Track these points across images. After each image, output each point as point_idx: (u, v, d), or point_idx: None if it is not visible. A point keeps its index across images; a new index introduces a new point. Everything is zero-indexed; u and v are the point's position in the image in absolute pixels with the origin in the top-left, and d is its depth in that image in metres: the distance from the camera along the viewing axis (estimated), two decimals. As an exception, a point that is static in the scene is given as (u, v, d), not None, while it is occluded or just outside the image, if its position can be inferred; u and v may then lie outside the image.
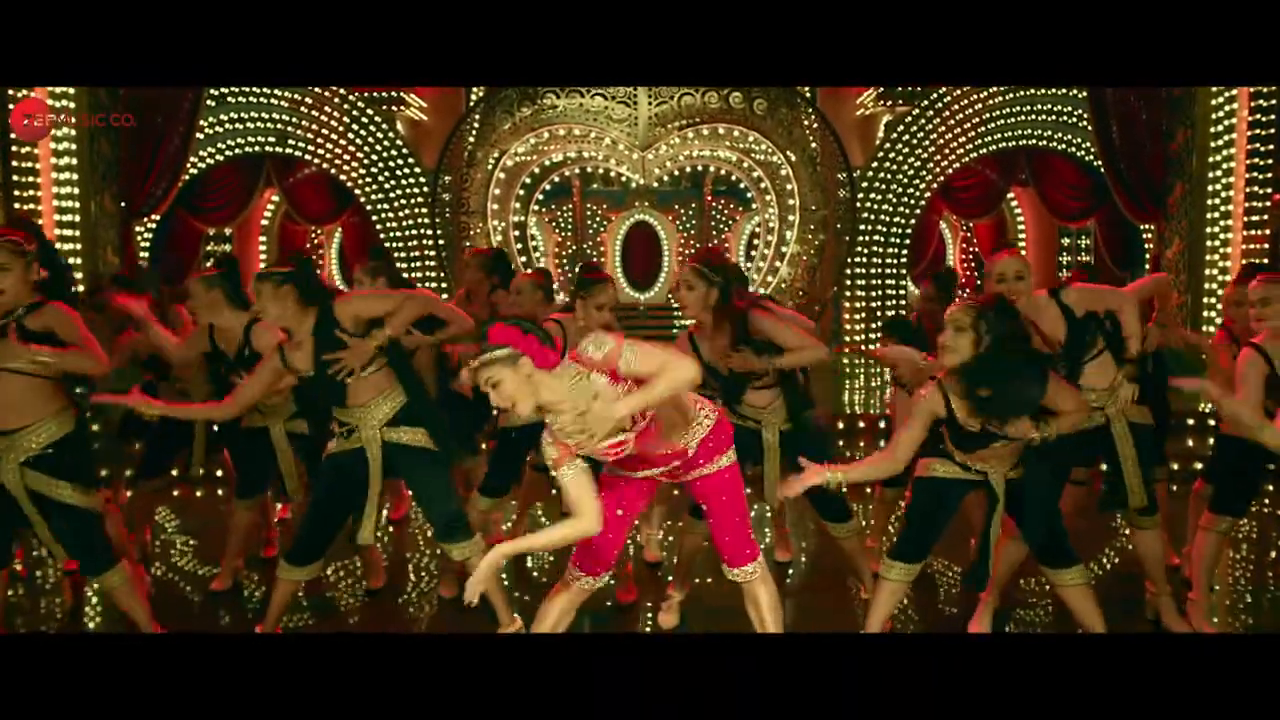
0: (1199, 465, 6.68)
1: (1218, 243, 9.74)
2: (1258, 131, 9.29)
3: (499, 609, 3.77)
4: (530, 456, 4.61)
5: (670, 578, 4.42)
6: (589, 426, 2.67)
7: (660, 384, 2.63)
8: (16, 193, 8.66)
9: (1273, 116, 9.24)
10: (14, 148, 8.53)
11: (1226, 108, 9.51)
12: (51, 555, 3.58)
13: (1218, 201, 9.71)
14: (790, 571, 4.96)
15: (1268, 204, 9.40)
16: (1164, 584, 4.06)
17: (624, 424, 2.76)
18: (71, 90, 8.69)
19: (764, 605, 3.14)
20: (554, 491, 4.30)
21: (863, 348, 9.26)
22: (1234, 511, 3.99)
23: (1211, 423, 7.11)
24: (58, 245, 8.72)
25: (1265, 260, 9.31)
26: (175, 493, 6.41)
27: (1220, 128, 9.61)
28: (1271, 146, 9.23)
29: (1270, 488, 6.35)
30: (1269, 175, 9.23)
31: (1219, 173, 9.63)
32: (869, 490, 5.58)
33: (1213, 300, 9.77)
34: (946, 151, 10.57)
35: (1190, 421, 7.44)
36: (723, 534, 3.09)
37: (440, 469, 3.74)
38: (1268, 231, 9.40)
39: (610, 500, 3.01)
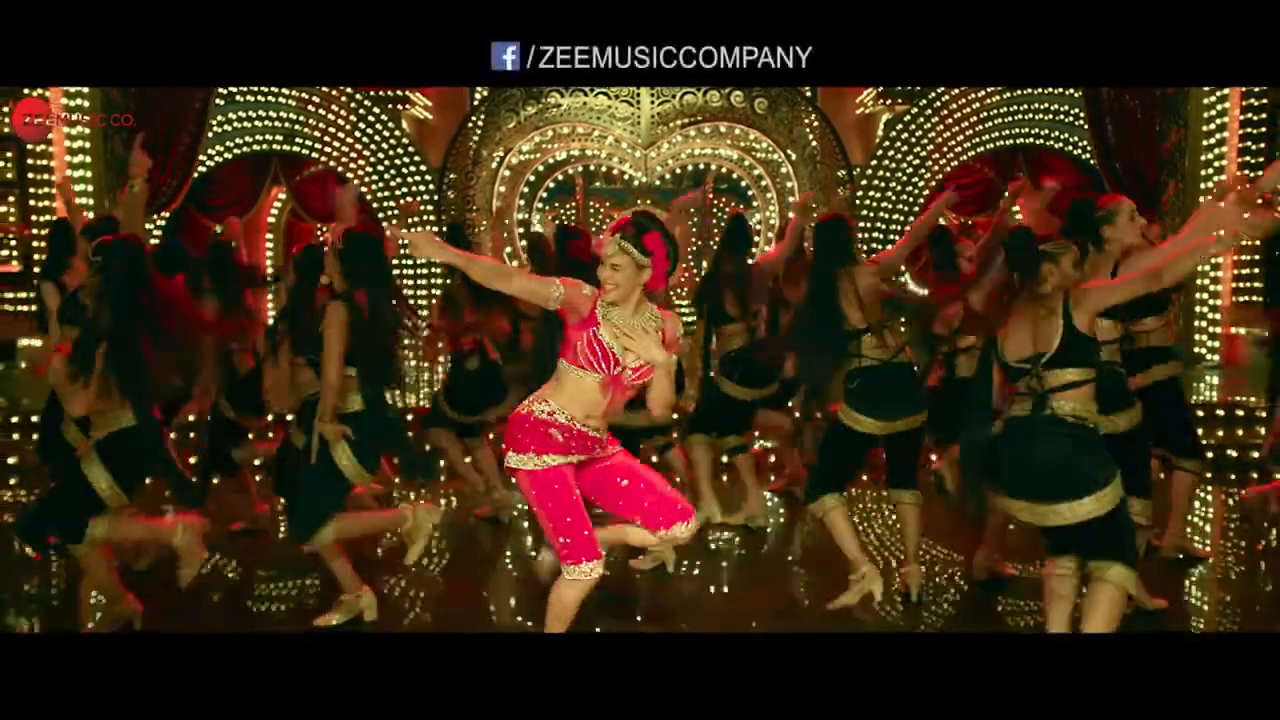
0: (1209, 456, 6.78)
1: (1210, 240, 9.85)
2: (1249, 130, 9.41)
3: (342, 578, 3.91)
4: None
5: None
6: (631, 333, 2.96)
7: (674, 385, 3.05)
8: (32, 190, 8.82)
9: (1264, 115, 9.36)
10: (29, 146, 8.69)
11: (1218, 106, 9.63)
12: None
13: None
14: (790, 559, 5.12)
15: (1259, 203, 9.51)
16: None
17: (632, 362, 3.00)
18: (86, 90, 8.84)
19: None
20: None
21: None
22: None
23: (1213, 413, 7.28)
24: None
25: (1257, 256, 9.45)
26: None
27: (1212, 126, 9.73)
28: (1263, 145, 9.35)
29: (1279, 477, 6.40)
30: (1260, 174, 9.35)
31: (1211, 171, 9.76)
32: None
33: (1205, 296, 9.91)
34: (945, 150, 10.69)
35: (1200, 413, 7.51)
36: (660, 490, 3.11)
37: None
38: (1260, 229, 9.51)
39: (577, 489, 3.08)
